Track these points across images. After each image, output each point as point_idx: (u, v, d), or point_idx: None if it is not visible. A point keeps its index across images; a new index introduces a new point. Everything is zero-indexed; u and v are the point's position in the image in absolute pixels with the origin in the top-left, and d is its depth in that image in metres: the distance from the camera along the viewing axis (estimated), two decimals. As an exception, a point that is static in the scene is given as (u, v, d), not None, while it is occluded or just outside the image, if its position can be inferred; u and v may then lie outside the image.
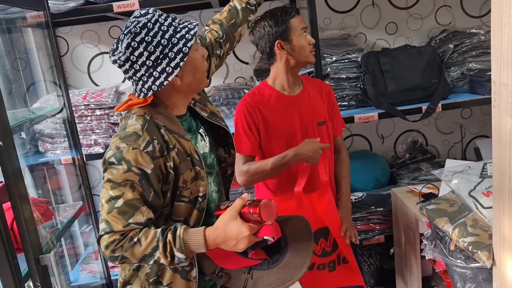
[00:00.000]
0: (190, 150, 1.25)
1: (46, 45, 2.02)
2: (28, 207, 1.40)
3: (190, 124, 1.34)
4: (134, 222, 1.15)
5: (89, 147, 2.18)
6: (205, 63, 1.29)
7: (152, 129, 1.20)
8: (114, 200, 1.15)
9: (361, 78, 2.30)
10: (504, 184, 1.10)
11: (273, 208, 1.15)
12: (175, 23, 1.20)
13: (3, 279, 1.29)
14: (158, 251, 1.15)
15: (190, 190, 1.26)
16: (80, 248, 2.57)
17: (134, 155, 1.15)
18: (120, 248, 1.16)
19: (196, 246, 1.16)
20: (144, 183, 1.16)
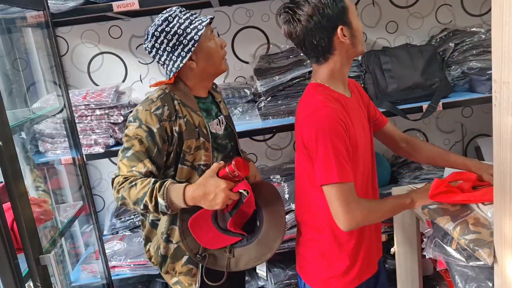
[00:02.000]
0: (199, 124, 1.49)
1: (46, 45, 2.02)
2: (28, 207, 1.40)
3: (209, 106, 1.60)
4: (137, 170, 1.40)
5: (89, 147, 2.17)
6: (221, 51, 1.53)
7: (166, 99, 1.46)
8: (126, 151, 1.42)
9: (361, 77, 2.30)
10: (505, 182, 1.10)
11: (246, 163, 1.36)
12: (192, 17, 1.47)
13: (3, 279, 1.29)
14: (146, 196, 1.34)
15: (194, 157, 1.48)
16: (81, 248, 2.57)
17: (145, 115, 1.41)
18: (122, 188, 1.40)
19: (176, 197, 1.34)
20: (150, 140, 1.41)
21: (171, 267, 1.56)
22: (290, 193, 2.32)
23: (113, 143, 2.19)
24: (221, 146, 1.58)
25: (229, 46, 2.61)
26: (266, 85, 2.25)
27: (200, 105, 1.55)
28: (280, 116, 2.30)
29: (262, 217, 1.51)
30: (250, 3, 2.55)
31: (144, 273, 2.24)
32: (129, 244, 2.34)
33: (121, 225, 2.48)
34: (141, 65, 2.61)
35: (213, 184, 1.34)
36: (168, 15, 1.46)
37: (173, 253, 1.53)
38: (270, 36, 2.61)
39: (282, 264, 2.43)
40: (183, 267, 1.54)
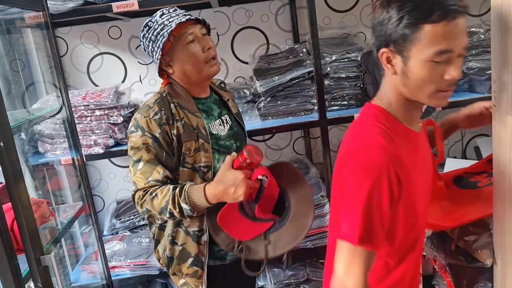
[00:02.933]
0: (197, 125, 1.48)
1: (45, 45, 2.02)
2: (29, 208, 1.40)
3: (210, 107, 1.58)
4: (153, 179, 1.41)
5: (89, 148, 2.17)
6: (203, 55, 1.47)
7: (162, 103, 1.47)
8: (136, 164, 1.43)
9: (361, 77, 2.30)
10: (505, 182, 1.10)
11: (257, 149, 1.34)
12: (167, 21, 1.43)
13: (3, 280, 1.29)
14: (169, 203, 1.36)
15: (194, 158, 1.47)
16: (81, 249, 2.57)
17: (146, 122, 1.42)
18: (144, 202, 1.41)
19: (198, 198, 1.35)
20: (156, 146, 1.42)
21: (178, 269, 1.56)
22: (289, 193, 2.32)
23: (112, 143, 2.19)
24: (223, 147, 1.56)
25: (229, 46, 2.61)
26: (265, 86, 2.25)
27: (199, 106, 1.54)
28: (279, 116, 2.30)
29: (288, 197, 1.47)
30: (249, 4, 2.55)
31: (144, 274, 2.24)
32: (129, 244, 2.34)
33: (121, 226, 2.48)
34: (140, 65, 2.60)
35: (231, 177, 1.32)
36: (149, 20, 1.46)
37: (179, 255, 1.54)
38: (269, 37, 2.62)
39: (282, 264, 2.43)
40: (189, 269, 1.54)
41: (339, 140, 2.79)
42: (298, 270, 2.39)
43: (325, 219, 2.26)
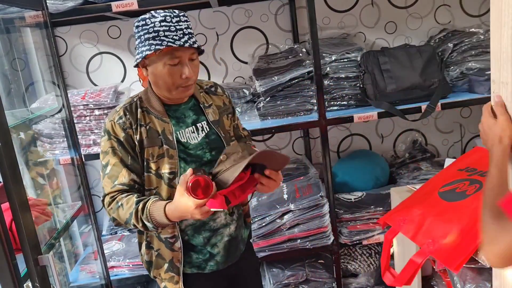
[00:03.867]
0: (164, 130, 1.45)
1: (45, 45, 2.01)
2: (27, 208, 1.40)
3: (183, 114, 1.51)
4: (119, 183, 1.41)
5: (88, 147, 2.17)
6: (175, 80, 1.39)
7: (129, 108, 1.46)
8: (105, 168, 1.43)
9: (360, 78, 2.30)
10: (504, 184, 1.10)
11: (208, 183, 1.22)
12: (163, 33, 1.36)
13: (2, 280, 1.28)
14: (132, 216, 1.35)
15: (157, 165, 1.44)
16: (79, 248, 2.56)
17: (111, 126, 1.43)
18: (111, 210, 1.41)
19: (159, 217, 1.33)
20: (121, 149, 1.42)
21: (157, 273, 1.54)
22: (288, 194, 2.32)
23: (112, 143, 2.18)
24: (193, 156, 1.47)
25: (228, 46, 2.61)
26: (265, 86, 2.25)
27: (169, 112, 1.48)
28: (279, 116, 2.30)
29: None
30: (249, 4, 2.55)
31: (143, 274, 2.24)
32: (128, 244, 2.34)
33: (120, 225, 2.48)
34: (140, 65, 2.60)
35: (184, 205, 1.26)
36: (148, 17, 1.38)
37: (155, 259, 1.52)
38: (269, 37, 2.61)
39: (281, 264, 2.43)
40: (166, 274, 1.52)
41: (338, 140, 2.80)
42: (297, 270, 2.39)
43: (324, 219, 2.26)
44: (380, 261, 1.60)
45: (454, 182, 1.50)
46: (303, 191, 2.31)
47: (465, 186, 1.45)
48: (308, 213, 2.24)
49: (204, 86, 1.60)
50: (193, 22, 2.55)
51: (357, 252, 2.51)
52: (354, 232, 2.31)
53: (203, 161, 1.49)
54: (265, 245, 2.26)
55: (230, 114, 1.63)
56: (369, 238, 2.30)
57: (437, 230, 1.37)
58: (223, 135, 1.53)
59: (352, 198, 2.39)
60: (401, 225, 1.49)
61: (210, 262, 1.53)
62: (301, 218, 2.24)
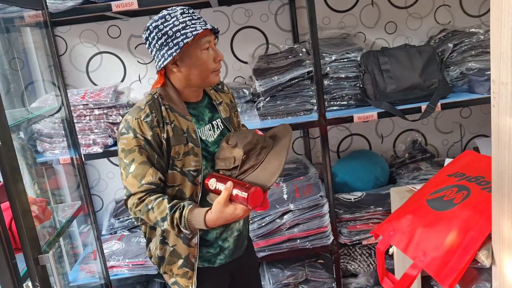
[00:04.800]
0: (187, 129, 1.46)
1: (45, 44, 2.01)
2: (27, 207, 1.40)
3: (201, 112, 1.54)
4: (146, 182, 1.39)
5: (87, 147, 2.17)
6: (212, 64, 1.45)
7: (153, 105, 1.44)
8: (128, 167, 1.40)
9: (360, 78, 2.30)
10: (503, 183, 1.10)
11: (260, 197, 1.31)
12: (190, 22, 1.40)
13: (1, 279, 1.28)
14: (166, 222, 1.36)
15: (183, 162, 1.45)
16: (79, 248, 2.56)
17: (137, 124, 1.40)
18: (138, 211, 1.40)
19: (198, 225, 1.35)
20: (148, 148, 1.40)
21: (168, 268, 1.56)
22: (288, 194, 2.32)
23: (111, 143, 2.19)
24: (211, 154, 1.51)
25: (228, 46, 2.61)
26: (265, 85, 2.25)
27: (190, 110, 1.51)
28: (279, 116, 2.30)
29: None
30: (249, 3, 2.55)
31: (143, 273, 2.24)
32: (128, 244, 2.34)
33: (119, 225, 2.48)
34: (140, 64, 2.60)
35: (231, 213, 1.32)
36: (167, 13, 1.42)
37: (169, 255, 1.54)
38: (269, 36, 2.61)
39: (281, 264, 2.43)
40: (179, 269, 1.54)
41: (338, 140, 2.80)
42: (297, 270, 2.39)
43: (324, 219, 2.26)
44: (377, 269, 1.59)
45: (443, 189, 1.49)
46: (303, 191, 2.31)
47: (453, 194, 1.44)
48: (307, 213, 2.24)
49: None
50: (193, 22, 2.55)
51: (356, 252, 2.51)
52: (354, 232, 2.31)
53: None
54: (264, 245, 2.26)
55: (236, 111, 1.69)
56: (369, 238, 2.30)
57: (428, 242, 1.37)
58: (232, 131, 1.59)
59: (352, 198, 2.39)
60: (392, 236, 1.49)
61: (219, 256, 1.59)
62: (301, 218, 2.24)
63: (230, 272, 1.66)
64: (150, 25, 1.42)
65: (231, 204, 1.32)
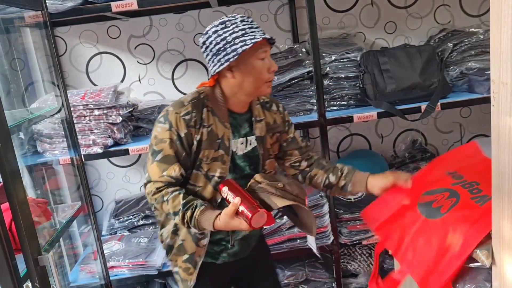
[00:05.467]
0: (223, 135, 1.49)
1: (44, 45, 2.01)
2: (27, 208, 1.40)
3: (240, 123, 1.55)
4: (168, 175, 1.43)
5: (87, 147, 2.17)
6: (266, 74, 1.47)
7: (197, 105, 1.47)
8: (155, 154, 1.45)
9: (360, 78, 2.30)
10: (503, 183, 1.10)
11: (264, 219, 1.33)
12: (250, 30, 1.43)
13: (1, 280, 1.28)
14: (177, 217, 1.41)
15: (209, 166, 1.48)
16: (79, 249, 2.56)
17: (175, 118, 1.43)
18: (154, 200, 1.45)
19: (206, 227, 1.39)
20: (179, 144, 1.44)
21: (174, 258, 1.61)
22: (288, 194, 2.32)
23: (111, 143, 2.18)
24: (237, 167, 1.54)
25: (228, 46, 2.60)
26: (264, 85, 2.25)
27: (230, 119, 1.52)
28: (278, 116, 2.30)
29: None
30: (248, 3, 2.55)
31: (143, 274, 2.24)
32: (128, 244, 2.34)
33: (119, 226, 2.48)
34: (139, 65, 2.60)
35: (236, 225, 1.35)
36: (227, 19, 1.44)
37: (178, 247, 1.58)
38: (268, 36, 2.61)
39: (281, 264, 2.43)
40: (183, 263, 1.58)
41: (338, 140, 2.80)
42: (297, 270, 2.39)
43: (324, 219, 2.26)
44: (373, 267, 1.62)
45: (436, 191, 1.49)
46: (303, 191, 2.31)
47: (443, 200, 1.44)
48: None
49: (260, 100, 1.64)
50: (192, 22, 2.55)
51: (356, 252, 2.51)
52: (354, 232, 2.31)
53: (243, 173, 1.55)
54: (265, 245, 2.26)
55: (278, 133, 1.65)
56: (369, 238, 2.30)
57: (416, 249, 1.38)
58: (262, 152, 1.58)
59: (352, 198, 2.39)
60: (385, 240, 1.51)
61: (222, 253, 1.62)
62: (301, 218, 2.23)
63: (233, 270, 1.69)
64: (209, 30, 1.45)
65: (237, 217, 1.34)
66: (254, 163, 1.58)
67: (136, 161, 2.72)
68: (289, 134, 1.69)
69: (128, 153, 2.15)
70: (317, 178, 1.67)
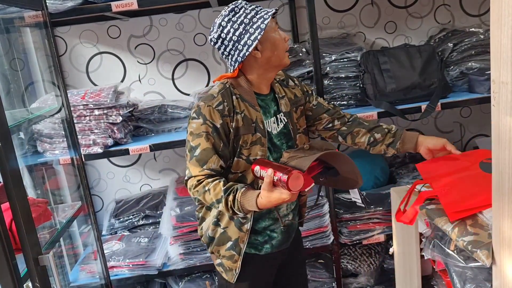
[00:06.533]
0: (256, 119, 1.52)
1: (44, 45, 2.01)
2: (27, 208, 1.40)
3: (267, 104, 1.60)
4: (208, 168, 1.46)
5: (87, 147, 2.17)
6: (285, 44, 1.53)
7: (225, 94, 1.50)
8: (193, 150, 1.47)
9: (360, 77, 2.30)
10: (504, 183, 1.10)
11: (301, 180, 1.33)
12: (257, 8, 1.49)
13: (2, 280, 1.28)
14: (221, 204, 1.42)
15: (249, 151, 1.51)
16: (79, 249, 2.56)
17: (208, 111, 1.46)
18: (196, 192, 1.47)
19: (250, 207, 1.39)
20: (215, 136, 1.46)
21: (216, 249, 1.62)
22: (289, 193, 2.32)
23: (111, 143, 2.19)
24: (275, 146, 1.59)
25: (228, 46, 2.60)
26: (265, 85, 2.25)
27: (258, 101, 1.57)
28: (279, 116, 2.30)
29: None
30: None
31: (143, 273, 2.24)
32: (128, 244, 2.34)
33: (119, 225, 2.48)
34: (139, 65, 2.60)
35: (277, 198, 1.35)
36: (234, 6, 1.48)
37: (219, 236, 1.59)
38: (269, 36, 2.61)
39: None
40: (226, 251, 1.60)
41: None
42: (297, 270, 2.39)
43: (324, 219, 2.26)
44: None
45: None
46: (303, 191, 2.31)
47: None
48: (308, 213, 2.23)
49: (277, 78, 1.69)
50: (192, 22, 2.55)
51: (357, 252, 2.51)
52: (354, 232, 2.31)
53: (280, 151, 1.58)
54: (265, 245, 2.25)
55: (301, 107, 1.71)
56: (369, 238, 2.31)
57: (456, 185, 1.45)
58: (292, 127, 1.63)
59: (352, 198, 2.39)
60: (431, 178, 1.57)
61: (266, 244, 1.64)
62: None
63: (276, 262, 1.72)
64: (221, 22, 1.48)
65: (276, 189, 1.35)
66: (289, 139, 1.63)
67: (136, 161, 2.72)
68: (312, 102, 1.75)
69: (128, 153, 2.16)
70: (360, 136, 1.72)
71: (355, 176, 1.52)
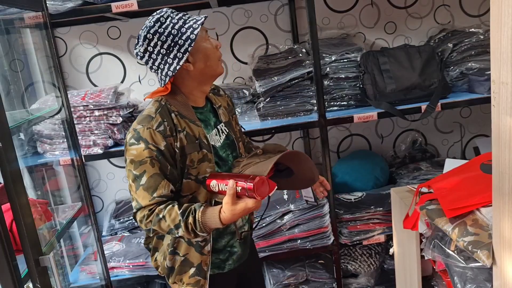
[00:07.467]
0: (199, 135, 1.43)
1: (45, 45, 2.01)
2: (27, 209, 1.40)
3: (207, 117, 1.51)
4: (158, 195, 1.34)
5: (88, 148, 2.17)
6: (217, 52, 1.45)
7: (164, 113, 1.38)
8: (138, 179, 1.35)
9: (360, 78, 2.30)
10: (504, 183, 1.10)
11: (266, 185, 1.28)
12: (185, 17, 1.38)
13: (2, 280, 1.29)
14: (180, 229, 1.32)
15: (198, 170, 1.42)
16: (79, 249, 2.56)
17: (149, 134, 1.34)
18: (150, 223, 1.36)
19: (213, 225, 1.31)
20: (161, 159, 1.35)
21: (179, 278, 1.52)
22: (289, 194, 2.32)
23: (112, 144, 2.19)
24: (222, 159, 1.51)
25: (228, 46, 2.61)
26: (264, 86, 2.25)
27: (197, 115, 1.48)
28: (279, 116, 2.30)
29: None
30: (248, 4, 2.55)
31: (143, 274, 2.24)
32: (128, 245, 2.34)
33: (120, 226, 2.48)
34: (139, 65, 2.60)
35: (242, 208, 1.28)
36: (159, 16, 1.36)
37: (180, 265, 1.50)
38: (268, 37, 2.61)
39: (281, 264, 2.43)
40: (191, 278, 1.51)
41: (338, 140, 2.80)
42: (297, 270, 2.39)
43: (324, 219, 2.26)
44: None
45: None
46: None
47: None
48: (308, 214, 2.24)
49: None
50: (192, 23, 2.55)
51: (357, 252, 2.51)
52: (354, 233, 2.31)
53: (228, 164, 1.52)
54: (265, 246, 2.26)
55: (234, 115, 1.68)
56: (369, 238, 2.30)
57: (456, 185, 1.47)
58: (234, 136, 1.57)
59: (352, 198, 2.39)
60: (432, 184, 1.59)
61: (228, 261, 1.59)
62: (301, 218, 2.24)
63: (237, 275, 1.66)
64: (146, 34, 1.35)
65: (240, 200, 1.28)
66: (233, 150, 1.56)
67: (136, 162, 2.72)
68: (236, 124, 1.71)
69: (129, 153, 2.15)
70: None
71: (311, 173, 1.47)
